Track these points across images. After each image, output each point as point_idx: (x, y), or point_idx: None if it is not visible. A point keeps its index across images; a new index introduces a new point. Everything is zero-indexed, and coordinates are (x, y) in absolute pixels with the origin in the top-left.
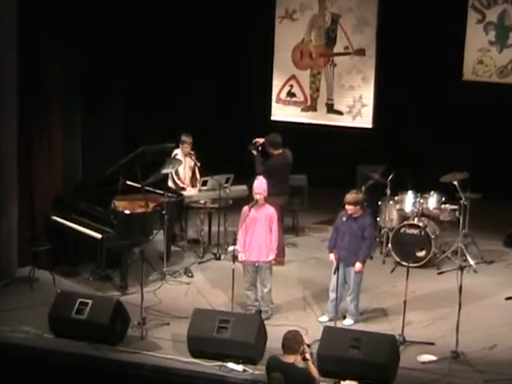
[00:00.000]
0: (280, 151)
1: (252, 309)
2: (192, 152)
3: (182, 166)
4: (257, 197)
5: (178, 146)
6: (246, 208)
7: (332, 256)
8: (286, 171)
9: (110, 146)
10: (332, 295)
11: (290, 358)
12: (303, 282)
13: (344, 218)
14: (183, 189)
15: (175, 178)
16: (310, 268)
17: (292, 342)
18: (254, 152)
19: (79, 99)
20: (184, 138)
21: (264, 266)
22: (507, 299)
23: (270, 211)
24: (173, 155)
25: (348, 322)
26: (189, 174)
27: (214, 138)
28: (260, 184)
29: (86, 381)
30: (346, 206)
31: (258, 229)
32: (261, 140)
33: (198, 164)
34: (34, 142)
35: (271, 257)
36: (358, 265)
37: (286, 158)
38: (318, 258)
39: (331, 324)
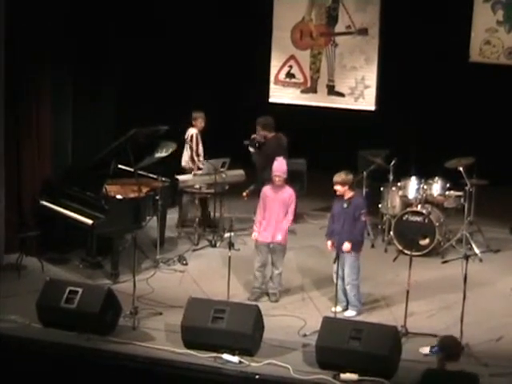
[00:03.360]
0: (273, 134)
1: (257, 291)
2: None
3: (200, 145)
4: (276, 178)
5: (191, 125)
6: (265, 188)
7: (329, 243)
8: (281, 155)
9: (102, 129)
10: (338, 284)
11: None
12: (301, 270)
13: (338, 202)
14: (199, 168)
15: (195, 157)
16: (309, 256)
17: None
18: (252, 149)
19: (70, 81)
20: (195, 114)
21: (278, 247)
22: None
23: (288, 193)
24: (189, 136)
25: (349, 314)
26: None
27: (210, 121)
28: (279, 165)
29: (76, 372)
30: (335, 187)
31: (275, 210)
32: (258, 137)
33: None
34: (22, 125)
35: (279, 237)
36: (347, 244)
37: (280, 141)
38: (317, 245)
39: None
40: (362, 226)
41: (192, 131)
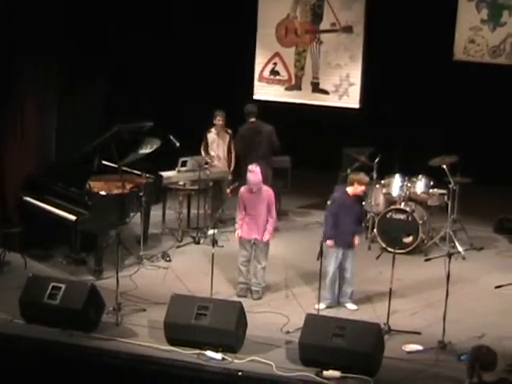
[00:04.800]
0: (253, 120)
1: (244, 287)
2: (229, 131)
3: (215, 143)
4: (253, 190)
5: (213, 125)
6: (243, 189)
7: (331, 243)
8: (258, 140)
9: (87, 124)
10: (330, 282)
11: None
12: (285, 267)
13: (342, 200)
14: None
15: (203, 152)
16: (293, 253)
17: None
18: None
19: (55, 80)
20: (215, 112)
21: (261, 243)
22: (497, 288)
23: (266, 192)
24: (206, 133)
25: (354, 307)
26: (223, 150)
27: (195, 117)
28: (253, 177)
29: (59, 369)
30: (362, 188)
31: (256, 207)
32: None
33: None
34: (5, 119)
35: (266, 237)
36: (358, 238)
37: (259, 128)
38: (301, 242)
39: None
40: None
41: (211, 130)
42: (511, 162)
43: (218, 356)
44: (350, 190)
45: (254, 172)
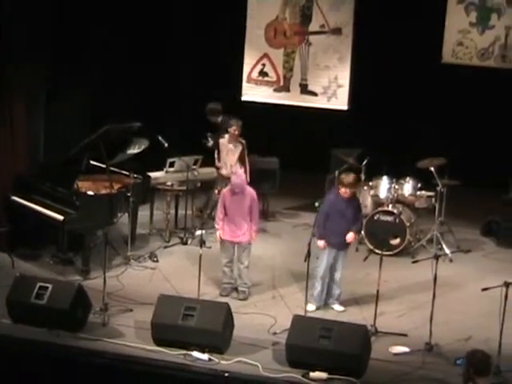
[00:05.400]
0: (221, 117)
1: (228, 287)
2: (242, 140)
3: (226, 151)
4: (236, 191)
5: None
6: (225, 190)
7: (322, 243)
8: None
9: (76, 124)
10: (319, 282)
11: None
12: (273, 268)
13: (336, 202)
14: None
15: (217, 165)
16: (280, 255)
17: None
18: (209, 144)
19: (44, 79)
20: (231, 121)
21: (242, 245)
22: (484, 290)
23: (249, 193)
24: (221, 139)
25: (341, 308)
26: (232, 159)
27: (183, 118)
28: (236, 179)
29: (45, 369)
30: (348, 189)
31: (238, 209)
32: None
33: (246, 151)
34: None
35: (252, 238)
36: (352, 234)
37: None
38: (289, 244)
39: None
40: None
41: (224, 136)
42: (499, 165)
43: (205, 357)
44: (340, 191)
45: (237, 174)
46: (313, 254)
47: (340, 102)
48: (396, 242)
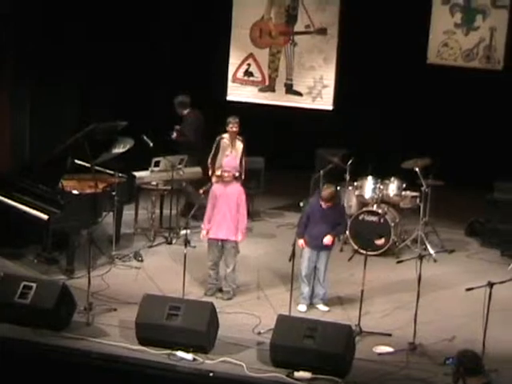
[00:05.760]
0: (188, 110)
1: (213, 287)
2: (240, 138)
3: (228, 151)
4: (224, 174)
5: (225, 131)
6: (215, 186)
7: (301, 241)
8: (202, 128)
9: (61, 122)
10: (306, 284)
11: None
12: (257, 268)
13: (317, 206)
14: (209, 178)
15: (209, 164)
16: (265, 254)
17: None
18: (173, 135)
19: (29, 78)
20: (230, 119)
21: (229, 244)
22: (468, 290)
23: (237, 190)
24: (218, 139)
25: (326, 308)
26: (236, 163)
27: (168, 118)
28: (229, 161)
29: (30, 368)
30: (326, 203)
31: (226, 207)
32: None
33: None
34: None
35: (240, 237)
36: (329, 237)
37: (199, 116)
38: (274, 244)
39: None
40: (345, 225)
41: (223, 136)
42: (483, 165)
43: (189, 356)
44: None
45: (230, 156)
46: (298, 253)
47: (325, 102)
48: (381, 242)
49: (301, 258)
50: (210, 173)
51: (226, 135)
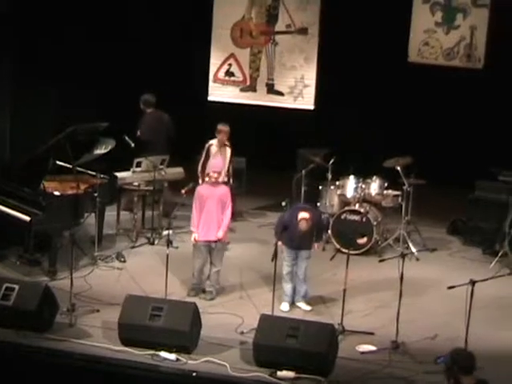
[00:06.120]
0: (151, 110)
1: (196, 287)
2: (228, 143)
3: (212, 159)
4: (214, 175)
5: (217, 133)
6: (200, 187)
7: (280, 243)
8: (160, 129)
9: (42, 124)
10: (287, 282)
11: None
12: (240, 268)
13: (295, 221)
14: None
15: (199, 172)
16: (248, 254)
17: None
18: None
19: (9, 78)
20: (221, 126)
21: (219, 245)
22: (450, 288)
23: (224, 190)
24: (207, 146)
25: (307, 308)
26: (224, 167)
27: None
28: (217, 163)
29: (12, 369)
30: (302, 226)
31: (213, 208)
32: None
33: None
34: None
35: (220, 233)
36: (315, 245)
37: (160, 117)
38: (256, 244)
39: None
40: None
41: (211, 142)
42: (465, 164)
43: (172, 357)
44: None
45: (218, 158)
46: (280, 254)
47: (306, 101)
48: (363, 241)
49: (283, 256)
50: (200, 180)
51: (214, 141)
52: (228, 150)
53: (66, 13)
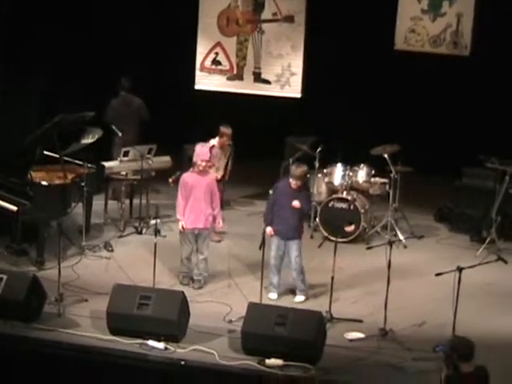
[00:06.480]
0: (122, 93)
1: (186, 275)
2: (230, 142)
3: (217, 158)
4: (202, 164)
5: (220, 136)
6: (185, 174)
7: (269, 229)
8: (128, 114)
9: (28, 114)
10: (271, 270)
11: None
12: (228, 256)
13: (284, 191)
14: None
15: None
16: (235, 243)
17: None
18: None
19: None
20: (224, 129)
21: (204, 233)
22: (437, 275)
23: (210, 178)
24: (210, 145)
25: (299, 299)
26: (223, 163)
27: None
28: (202, 151)
29: (0, 360)
30: (294, 181)
31: (200, 196)
32: None
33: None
34: None
35: (221, 223)
36: (296, 201)
37: (128, 101)
38: (243, 232)
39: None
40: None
41: (212, 142)
42: (452, 151)
43: (161, 345)
44: (291, 181)
45: (203, 147)
46: (268, 242)
47: (293, 89)
48: (350, 228)
49: (270, 247)
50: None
51: (215, 141)
52: (228, 148)
53: (53, 10)
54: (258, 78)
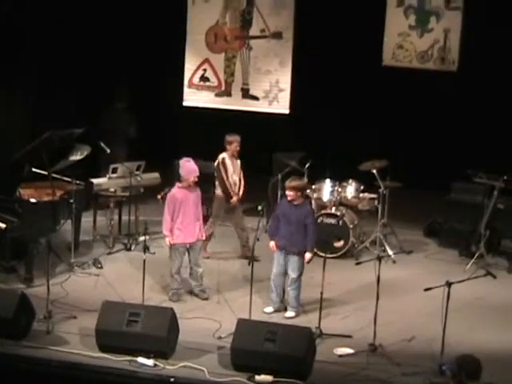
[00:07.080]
0: (119, 105)
1: (178, 292)
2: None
3: (230, 172)
4: (195, 180)
5: (228, 144)
6: (175, 190)
7: (272, 243)
8: (114, 131)
9: (16, 131)
10: (272, 285)
11: None
12: (217, 273)
13: (286, 206)
14: (230, 197)
15: (227, 188)
16: (225, 259)
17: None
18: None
19: None
20: (231, 138)
21: (197, 245)
22: (426, 290)
23: (198, 192)
24: (221, 159)
25: (289, 315)
26: (238, 175)
27: None
28: (193, 167)
29: None
30: (287, 192)
31: (191, 211)
32: None
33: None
34: None
35: (203, 234)
36: (309, 255)
37: (115, 117)
38: (233, 248)
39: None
40: (315, 229)
41: (222, 156)
42: (440, 167)
43: (150, 362)
44: (286, 193)
45: (190, 161)
46: (263, 257)
47: (281, 105)
48: (339, 244)
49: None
50: (233, 196)
51: (225, 155)
52: (238, 162)
53: (42, 15)
54: (246, 94)
